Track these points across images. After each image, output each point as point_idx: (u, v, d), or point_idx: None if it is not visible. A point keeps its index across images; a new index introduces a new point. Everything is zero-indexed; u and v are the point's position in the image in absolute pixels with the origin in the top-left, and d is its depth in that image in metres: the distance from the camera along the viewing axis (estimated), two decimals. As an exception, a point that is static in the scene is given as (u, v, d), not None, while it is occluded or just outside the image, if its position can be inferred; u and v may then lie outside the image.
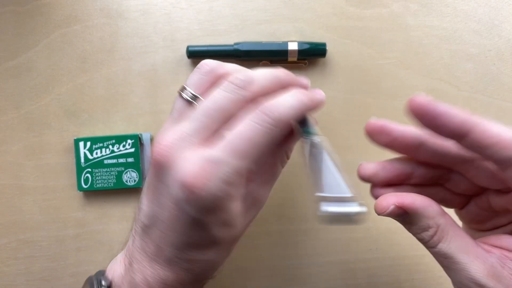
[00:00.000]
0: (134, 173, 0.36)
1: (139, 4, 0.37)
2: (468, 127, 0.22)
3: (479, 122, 0.22)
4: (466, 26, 0.38)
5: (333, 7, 0.37)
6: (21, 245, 0.37)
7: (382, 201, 0.25)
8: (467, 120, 0.22)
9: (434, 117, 0.22)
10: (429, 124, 0.23)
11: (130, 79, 0.37)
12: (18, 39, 0.37)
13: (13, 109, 0.37)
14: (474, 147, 0.22)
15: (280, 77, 0.26)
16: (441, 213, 0.24)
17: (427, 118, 0.23)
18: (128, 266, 0.26)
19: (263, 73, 0.26)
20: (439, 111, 0.22)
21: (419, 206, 0.24)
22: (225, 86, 0.25)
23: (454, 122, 0.22)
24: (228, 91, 0.24)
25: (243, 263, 0.38)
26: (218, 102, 0.24)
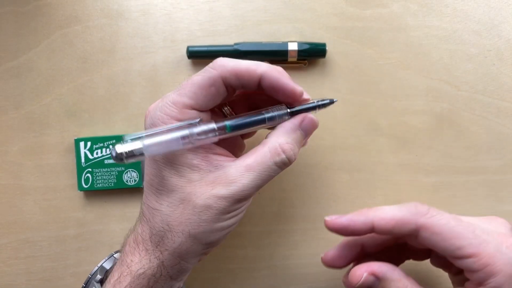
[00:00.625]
0: (134, 173, 0.36)
1: (140, 5, 0.37)
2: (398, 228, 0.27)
3: (425, 222, 0.26)
4: (465, 26, 0.38)
5: (333, 7, 0.37)
6: (21, 245, 0.37)
7: (355, 272, 0.28)
8: (398, 222, 0.27)
9: (355, 232, 0.28)
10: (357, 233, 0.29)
11: (131, 79, 0.37)
12: (18, 40, 0.37)
13: (13, 109, 0.37)
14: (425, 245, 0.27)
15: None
16: (405, 276, 0.27)
17: (348, 233, 0.28)
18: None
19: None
20: (352, 229, 0.28)
21: (387, 270, 0.27)
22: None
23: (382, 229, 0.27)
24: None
25: (243, 263, 0.38)
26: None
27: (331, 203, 0.38)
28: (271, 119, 0.28)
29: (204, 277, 0.38)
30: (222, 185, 0.26)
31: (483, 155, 0.38)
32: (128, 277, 0.27)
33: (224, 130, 0.27)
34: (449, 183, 0.38)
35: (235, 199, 0.26)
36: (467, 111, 0.38)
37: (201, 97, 0.26)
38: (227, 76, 0.27)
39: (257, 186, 0.27)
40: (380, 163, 0.37)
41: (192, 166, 0.27)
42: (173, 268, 0.28)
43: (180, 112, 0.26)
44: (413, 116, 0.37)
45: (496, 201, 0.37)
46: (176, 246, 0.27)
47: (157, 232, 0.27)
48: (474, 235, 0.26)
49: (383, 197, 0.37)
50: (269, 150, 0.27)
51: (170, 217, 0.27)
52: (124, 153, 0.24)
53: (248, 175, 0.26)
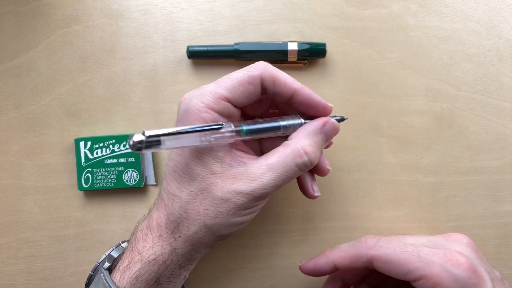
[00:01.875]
0: (135, 172, 0.36)
1: (140, 4, 0.37)
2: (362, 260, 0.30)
3: (374, 254, 0.29)
4: (465, 27, 0.38)
5: (333, 7, 0.37)
6: (21, 244, 0.37)
7: None
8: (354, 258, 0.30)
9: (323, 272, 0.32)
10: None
11: (131, 79, 0.37)
12: (18, 39, 0.37)
13: (13, 109, 0.37)
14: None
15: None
16: None
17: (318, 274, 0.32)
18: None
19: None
20: (320, 270, 0.32)
21: None
22: None
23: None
24: None
25: (243, 263, 0.38)
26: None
27: (331, 203, 0.38)
28: (285, 128, 0.29)
29: (204, 277, 0.38)
30: (243, 181, 0.27)
31: (483, 155, 0.38)
32: (138, 263, 0.28)
33: (239, 133, 0.27)
34: (449, 183, 0.38)
35: (254, 196, 0.27)
36: (467, 111, 0.38)
37: (239, 92, 0.28)
38: (266, 79, 0.28)
39: (277, 186, 0.28)
40: (380, 163, 0.37)
41: (216, 158, 0.27)
42: (183, 256, 0.28)
43: (216, 102, 0.27)
44: (413, 116, 0.37)
45: (496, 201, 0.38)
46: (191, 234, 0.28)
47: (174, 219, 0.28)
48: (419, 258, 0.28)
49: (383, 197, 0.37)
50: (292, 151, 0.28)
51: (189, 205, 0.27)
52: (144, 142, 0.24)
53: (269, 174, 0.27)
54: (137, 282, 0.28)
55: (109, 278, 0.28)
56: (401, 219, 0.38)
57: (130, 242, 0.30)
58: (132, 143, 0.24)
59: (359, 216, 0.38)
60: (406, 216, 0.38)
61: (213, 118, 0.27)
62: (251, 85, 0.28)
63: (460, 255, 0.28)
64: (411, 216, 0.38)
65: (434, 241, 0.31)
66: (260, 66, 0.28)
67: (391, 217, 0.38)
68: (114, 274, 0.29)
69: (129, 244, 0.30)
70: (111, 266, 0.30)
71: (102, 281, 0.28)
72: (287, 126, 0.29)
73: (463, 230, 0.38)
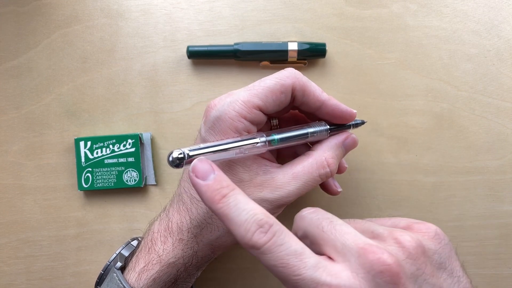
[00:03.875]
0: (135, 172, 0.36)
1: (140, 4, 0.37)
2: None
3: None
4: (465, 27, 0.38)
5: (333, 7, 0.37)
6: (21, 244, 0.37)
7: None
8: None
9: None
10: None
11: (131, 79, 0.37)
12: (18, 39, 0.37)
13: (13, 109, 0.37)
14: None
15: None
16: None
17: None
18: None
19: None
20: None
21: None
22: None
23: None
24: None
25: (243, 263, 0.38)
26: None
27: (331, 203, 0.38)
28: (313, 134, 0.30)
29: (204, 277, 0.38)
30: (269, 189, 0.28)
31: (483, 155, 0.38)
32: (157, 265, 0.28)
33: (270, 142, 0.28)
34: (449, 183, 0.38)
35: (279, 204, 0.28)
36: (467, 111, 0.38)
37: (271, 101, 0.28)
38: (297, 88, 0.28)
39: (300, 194, 0.28)
40: (380, 163, 0.37)
41: (245, 167, 0.28)
42: (203, 259, 0.29)
43: (249, 112, 0.27)
44: (413, 116, 0.37)
45: (496, 201, 0.38)
46: (213, 239, 0.28)
47: (198, 224, 0.28)
48: (335, 248, 0.22)
49: (383, 197, 0.37)
50: (316, 162, 0.29)
51: None
52: (184, 160, 0.24)
53: (294, 183, 0.28)
54: (155, 283, 0.28)
55: (122, 278, 0.28)
56: (401, 219, 0.38)
57: (145, 242, 0.30)
58: (171, 160, 0.24)
59: (359, 216, 0.37)
60: (406, 216, 0.37)
61: (245, 127, 0.27)
62: (283, 94, 0.28)
63: (388, 255, 0.20)
64: (411, 216, 0.37)
65: (381, 231, 0.23)
66: (292, 75, 0.28)
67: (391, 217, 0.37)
68: (128, 274, 0.29)
69: (144, 245, 0.30)
70: (123, 266, 0.30)
71: (116, 281, 0.28)
72: (314, 133, 0.30)
73: (463, 230, 0.38)
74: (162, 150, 0.37)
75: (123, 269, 0.30)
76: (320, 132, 0.30)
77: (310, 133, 0.29)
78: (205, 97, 0.37)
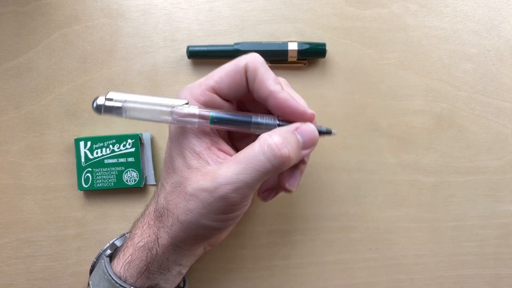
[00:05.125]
0: (135, 172, 0.36)
1: (140, 4, 0.37)
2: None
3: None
4: (465, 27, 0.38)
5: (333, 7, 0.37)
6: (21, 244, 0.37)
7: None
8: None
9: None
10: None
11: (131, 79, 0.37)
12: (18, 39, 0.37)
13: (13, 109, 0.37)
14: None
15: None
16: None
17: None
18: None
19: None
20: None
21: None
22: None
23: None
24: None
25: (243, 263, 0.38)
26: None
27: (331, 203, 0.38)
28: (257, 124, 0.27)
29: (204, 277, 0.38)
30: (209, 177, 0.26)
31: (483, 155, 0.38)
32: (130, 248, 0.29)
33: (207, 120, 0.26)
34: (449, 183, 0.38)
35: (220, 195, 0.25)
36: (467, 111, 0.38)
37: (225, 82, 0.27)
38: (249, 71, 0.27)
39: (243, 182, 0.25)
40: (380, 163, 0.37)
41: (193, 152, 0.27)
42: (167, 249, 0.28)
43: (202, 94, 0.27)
44: (413, 116, 0.37)
45: (496, 201, 0.38)
46: (169, 226, 0.28)
47: (159, 208, 0.28)
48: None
49: (383, 197, 0.37)
50: (259, 142, 0.25)
51: (170, 197, 0.28)
52: (103, 106, 0.25)
53: (234, 167, 0.25)
54: (130, 267, 0.28)
55: (108, 264, 0.29)
56: (401, 219, 0.38)
57: (130, 229, 0.31)
58: (95, 106, 0.24)
59: (359, 216, 0.38)
60: (406, 216, 0.38)
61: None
62: (237, 74, 0.27)
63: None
64: (411, 216, 0.38)
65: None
66: (249, 56, 0.27)
67: (391, 217, 0.38)
68: (113, 260, 0.30)
69: (130, 231, 0.31)
70: (112, 254, 0.31)
71: (102, 267, 0.29)
72: (259, 123, 0.27)
73: (463, 230, 0.38)
74: (162, 150, 0.37)
75: (113, 257, 0.31)
76: (267, 124, 0.27)
77: (254, 122, 0.27)
78: (205, 97, 0.37)
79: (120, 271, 0.29)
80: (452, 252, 0.38)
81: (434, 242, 0.38)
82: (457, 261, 0.38)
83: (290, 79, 0.37)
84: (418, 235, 0.38)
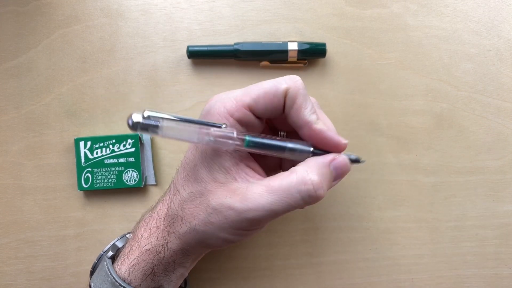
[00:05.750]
0: (135, 172, 0.36)
1: (140, 4, 0.37)
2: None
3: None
4: (465, 27, 0.38)
5: (333, 7, 0.37)
6: (21, 244, 0.37)
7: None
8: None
9: None
10: None
11: (131, 79, 0.37)
12: (18, 39, 0.37)
13: (13, 109, 0.37)
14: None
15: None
16: None
17: None
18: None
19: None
20: None
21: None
22: None
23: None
24: None
25: (243, 263, 0.38)
26: None
27: (331, 203, 0.38)
28: (291, 150, 0.27)
29: (204, 277, 0.38)
30: (239, 197, 0.26)
31: (483, 155, 0.38)
32: (136, 251, 0.29)
33: (242, 142, 0.26)
34: (449, 183, 0.38)
35: (246, 217, 0.26)
36: (467, 111, 0.38)
37: (262, 102, 0.26)
38: (289, 96, 0.26)
39: (273, 211, 0.26)
40: (380, 163, 0.37)
41: (221, 167, 0.27)
42: (175, 253, 0.28)
43: (237, 109, 0.26)
44: (413, 116, 0.37)
45: (496, 201, 0.38)
46: (182, 233, 0.28)
47: (172, 213, 0.28)
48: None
49: (383, 197, 0.37)
50: (297, 178, 0.26)
51: (186, 204, 0.27)
52: (140, 124, 0.24)
53: (267, 196, 0.25)
54: (135, 270, 0.28)
55: (111, 266, 0.29)
56: (401, 219, 0.38)
57: (134, 229, 0.31)
58: (131, 123, 0.24)
59: (359, 216, 0.38)
60: (406, 216, 0.38)
61: (230, 125, 0.26)
62: (276, 98, 0.26)
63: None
64: (411, 216, 0.38)
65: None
66: (290, 81, 0.26)
67: (391, 217, 0.38)
68: (116, 262, 0.30)
69: (133, 231, 0.31)
70: (114, 255, 0.31)
71: (105, 269, 0.29)
72: (294, 149, 0.27)
73: (463, 230, 0.38)
74: (162, 150, 0.37)
75: (115, 258, 0.31)
76: (300, 151, 0.27)
77: (288, 148, 0.27)
78: (205, 97, 0.37)
79: (124, 274, 0.28)
80: (452, 252, 0.38)
81: (434, 242, 0.38)
82: (457, 261, 0.38)
83: (290, 79, 0.37)
84: (418, 235, 0.38)
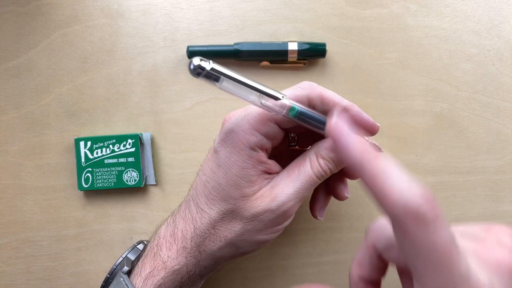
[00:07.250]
0: (135, 172, 0.36)
1: (140, 4, 0.37)
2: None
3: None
4: (465, 27, 0.38)
5: (333, 7, 0.37)
6: (21, 244, 0.37)
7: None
8: None
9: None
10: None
11: (131, 79, 0.37)
12: (18, 39, 0.37)
13: (13, 109, 0.37)
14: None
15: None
16: None
17: None
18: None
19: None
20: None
21: None
22: None
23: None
24: None
25: (243, 263, 0.38)
26: None
27: (331, 203, 0.38)
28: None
29: (204, 277, 0.38)
30: (269, 198, 0.27)
31: (483, 155, 0.38)
32: (162, 271, 0.28)
33: (288, 110, 0.26)
34: (449, 183, 0.38)
35: (282, 211, 0.27)
36: (467, 111, 0.38)
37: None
38: (313, 98, 0.27)
39: (301, 196, 0.27)
40: (380, 163, 0.37)
41: (248, 181, 0.27)
42: (206, 268, 0.29)
43: (263, 124, 0.27)
44: (413, 116, 0.37)
45: (496, 201, 0.38)
46: (215, 249, 0.28)
47: (201, 233, 0.28)
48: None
49: (383, 197, 0.37)
50: (309, 159, 0.28)
51: (218, 223, 0.28)
52: (206, 71, 0.23)
53: (292, 184, 0.27)
54: None
55: (129, 282, 0.28)
56: (401, 219, 0.38)
57: (151, 247, 0.30)
58: (193, 67, 0.23)
59: (359, 216, 0.38)
60: (406, 216, 0.38)
61: (257, 141, 0.26)
62: (300, 103, 0.27)
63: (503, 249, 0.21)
64: (411, 216, 0.38)
65: (476, 234, 0.23)
66: (306, 85, 0.28)
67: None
68: (134, 278, 0.29)
69: (150, 249, 0.30)
70: (130, 270, 0.30)
71: (123, 285, 0.28)
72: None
73: (463, 230, 0.38)
74: (162, 150, 0.37)
75: (129, 273, 0.30)
76: None
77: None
78: (205, 97, 0.37)
79: None
80: (452, 252, 0.38)
81: (434, 242, 0.38)
82: (457, 261, 0.38)
83: (290, 79, 0.37)
84: (418, 235, 0.38)
